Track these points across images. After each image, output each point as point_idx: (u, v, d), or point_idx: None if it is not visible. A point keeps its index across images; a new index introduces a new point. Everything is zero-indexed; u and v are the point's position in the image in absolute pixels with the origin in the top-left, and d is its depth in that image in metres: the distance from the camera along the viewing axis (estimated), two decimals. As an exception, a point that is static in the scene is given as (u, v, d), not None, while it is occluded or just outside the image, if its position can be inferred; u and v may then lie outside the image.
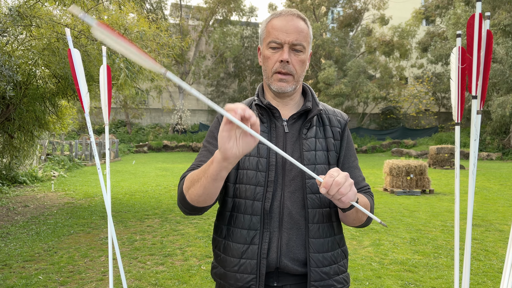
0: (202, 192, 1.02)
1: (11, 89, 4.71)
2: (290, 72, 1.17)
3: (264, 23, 1.22)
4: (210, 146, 1.23)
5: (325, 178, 0.96)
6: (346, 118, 1.33)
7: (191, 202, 1.07)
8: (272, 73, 1.19)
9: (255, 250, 1.15)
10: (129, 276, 3.73)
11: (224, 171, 0.94)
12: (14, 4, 4.94)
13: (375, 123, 29.06)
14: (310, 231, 1.17)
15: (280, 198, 1.17)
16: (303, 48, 1.17)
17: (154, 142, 23.45)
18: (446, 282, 3.61)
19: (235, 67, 29.15)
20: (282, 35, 1.15)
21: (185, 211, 1.13)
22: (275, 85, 1.19)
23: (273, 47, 1.17)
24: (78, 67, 2.07)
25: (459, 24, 18.45)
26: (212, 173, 0.95)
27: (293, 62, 1.17)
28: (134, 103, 24.10)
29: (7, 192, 8.23)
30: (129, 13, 6.33)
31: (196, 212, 1.13)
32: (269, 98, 1.27)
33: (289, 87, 1.19)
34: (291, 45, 1.15)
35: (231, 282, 1.18)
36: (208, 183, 0.98)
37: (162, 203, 7.38)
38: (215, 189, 1.00)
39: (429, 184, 8.89)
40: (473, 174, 1.06)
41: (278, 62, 1.16)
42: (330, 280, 1.18)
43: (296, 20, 1.16)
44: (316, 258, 1.16)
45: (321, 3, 27.79)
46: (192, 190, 1.05)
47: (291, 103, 1.26)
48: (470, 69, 1.08)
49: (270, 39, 1.17)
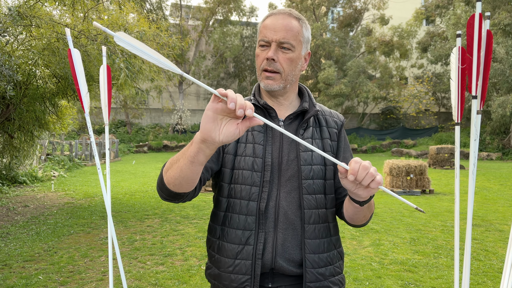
0: (179, 174, 0.96)
1: (11, 89, 4.71)
2: (277, 70, 1.16)
3: (259, 23, 1.23)
4: None
5: (350, 165, 0.92)
6: (342, 119, 1.33)
7: (168, 185, 1.02)
8: (260, 70, 1.19)
9: (250, 250, 1.14)
10: (129, 276, 3.73)
11: (201, 154, 0.89)
12: (15, 4, 4.94)
13: (375, 123, 29.06)
14: (306, 231, 1.16)
15: (276, 199, 1.17)
16: (292, 46, 1.15)
17: (154, 142, 23.45)
18: (446, 282, 3.61)
19: (235, 67, 29.15)
20: (270, 33, 1.15)
21: (161, 195, 1.08)
22: (263, 82, 1.19)
23: (262, 45, 1.17)
24: (78, 67, 2.07)
25: (459, 24, 18.45)
26: (190, 154, 0.91)
27: (280, 60, 1.16)
28: (134, 103, 24.10)
29: (7, 192, 8.23)
30: (129, 13, 6.33)
31: (173, 199, 1.07)
32: (264, 97, 1.27)
33: (275, 85, 1.18)
34: (279, 43, 1.14)
35: (226, 283, 1.17)
36: (185, 165, 0.93)
37: (162, 203, 7.38)
38: (192, 173, 0.95)
39: (429, 184, 8.89)
40: (473, 174, 1.06)
41: (265, 60, 1.16)
42: (325, 282, 1.17)
43: (287, 19, 1.16)
44: (311, 259, 1.16)
45: (321, 3, 27.79)
46: (170, 172, 1.00)
47: (286, 103, 1.26)
48: (470, 69, 1.08)
49: (260, 38, 1.18)
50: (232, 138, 0.84)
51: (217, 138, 0.83)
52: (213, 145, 0.86)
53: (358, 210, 1.09)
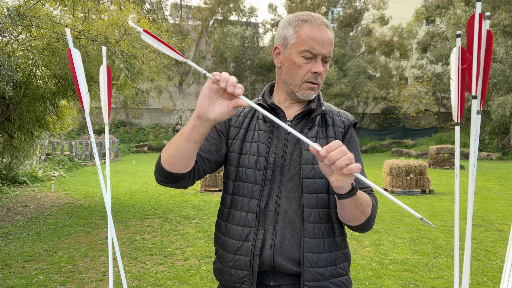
0: (174, 151, 1.03)
1: (10, 89, 4.70)
2: (318, 82, 1.20)
3: (292, 27, 1.18)
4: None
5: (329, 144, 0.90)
6: (351, 120, 1.30)
7: (163, 164, 1.07)
8: (302, 82, 1.19)
9: (249, 247, 1.16)
10: (129, 276, 3.73)
11: (195, 131, 0.97)
12: (15, 5, 4.94)
13: (375, 123, 29.06)
14: (305, 230, 1.16)
15: (276, 197, 1.18)
16: (331, 59, 1.20)
17: (154, 142, 23.45)
18: (446, 282, 3.61)
19: (235, 67, 29.15)
20: (318, 47, 1.14)
21: (157, 177, 1.12)
22: (304, 93, 1.20)
23: (307, 57, 1.16)
24: (78, 67, 2.07)
25: (459, 24, 18.46)
26: (185, 131, 0.99)
27: (322, 73, 1.18)
28: (134, 103, 24.10)
29: (7, 192, 8.23)
30: (129, 14, 6.34)
31: (167, 180, 1.10)
32: (280, 99, 1.27)
33: (314, 94, 1.22)
34: (323, 57, 1.16)
35: (226, 277, 1.20)
36: (180, 141, 1.01)
37: (162, 203, 7.38)
38: (187, 150, 1.01)
39: (429, 184, 8.89)
40: (473, 174, 1.06)
41: (311, 73, 1.17)
42: (325, 282, 1.16)
43: (328, 32, 1.17)
44: (310, 258, 1.15)
45: (321, 3, 27.77)
46: (167, 151, 1.06)
47: (301, 105, 1.27)
48: (470, 69, 1.08)
49: (305, 48, 1.15)
50: (222, 116, 0.93)
51: (210, 114, 0.93)
52: (207, 123, 0.95)
53: (343, 206, 1.05)
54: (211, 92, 0.91)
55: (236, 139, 1.24)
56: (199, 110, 0.93)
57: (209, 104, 0.92)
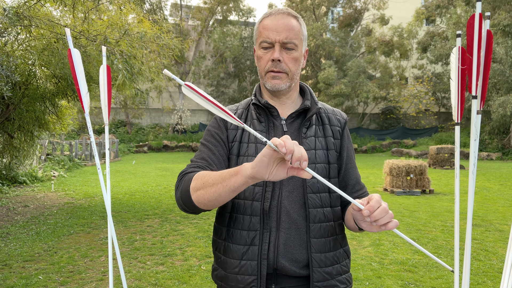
0: (215, 198, 1.00)
1: (8, 89, 4.69)
2: (283, 70, 1.17)
3: (257, 24, 1.22)
4: (209, 144, 1.23)
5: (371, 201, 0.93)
6: (345, 117, 1.32)
7: (197, 204, 1.05)
8: (265, 72, 1.19)
9: (256, 251, 1.14)
10: (129, 276, 3.73)
11: (245, 186, 0.95)
12: (14, 4, 4.93)
13: (375, 123, 29.06)
14: (312, 230, 1.15)
15: (278, 198, 1.16)
16: (295, 45, 1.16)
17: (154, 142, 23.45)
18: (446, 282, 3.61)
19: (235, 67, 29.15)
20: (272, 34, 1.15)
21: (184, 209, 1.11)
22: (269, 83, 1.19)
23: (265, 47, 1.17)
24: (78, 67, 2.07)
25: (460, 24, 18.45)
26: (234, 184, 0.95)
27: (286, 60, 1.16)
28: (134, 103, 24.10)
29: (7, 192, 8.23)
30: (128, 14, 6.34)
31: (195, 212, 1.11)
32: (266, 98, 1.27)
33: (283, 85, 1.19)
34: (282, 43, 1.15)
35: (232, 284, 1.17)
36: (225, 191, 0.97)
37: (162, 203, 7.38)
38: (228, 198, 1.00)
39: (429, 184, 8.89)
40: (473, 174, 1.06)
41: (270, 61, 1.17)
42: (333, 281, 1.17)
43: (286, 18, 1.16)
44: (318, 258, 1.15)
45: (321, 3, 27.77)
46: (203, 193, 1.02)
47: (288, 102, 1.26)
48: (470, 69, 1.08)
49: (262, 39, 1.17)
50: (279, 179, 0.91)
51: (266, 177, 0.89)
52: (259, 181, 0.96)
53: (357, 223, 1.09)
54: (271, 159, 0.87)
55: (234, 141, 1.23)
56: (256, 174, 0.89)
57: (268, 170, 0.88)
